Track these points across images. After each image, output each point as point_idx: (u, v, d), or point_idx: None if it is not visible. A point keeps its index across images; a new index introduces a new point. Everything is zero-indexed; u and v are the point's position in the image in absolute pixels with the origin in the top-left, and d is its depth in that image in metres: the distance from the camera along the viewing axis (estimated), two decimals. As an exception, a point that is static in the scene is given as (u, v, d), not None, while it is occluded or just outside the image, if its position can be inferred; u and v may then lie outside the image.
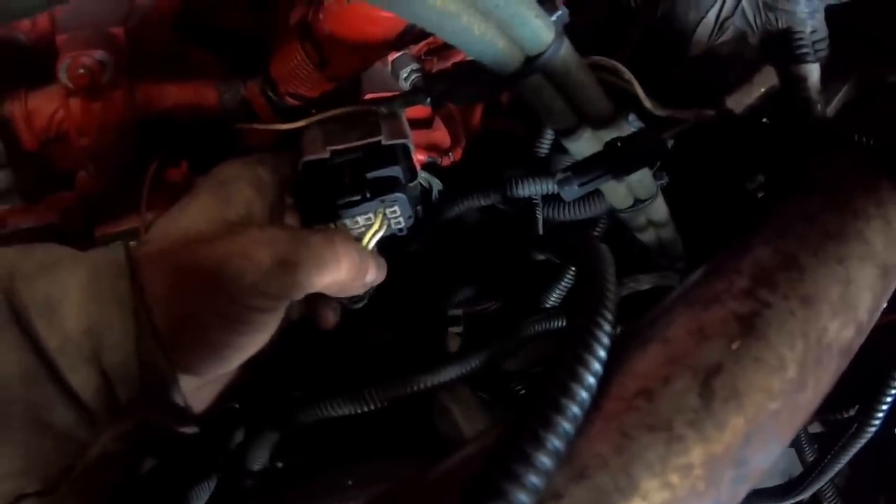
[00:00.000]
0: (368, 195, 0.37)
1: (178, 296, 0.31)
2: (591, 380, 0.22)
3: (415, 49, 0.52)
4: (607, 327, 0.24)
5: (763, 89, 0.40)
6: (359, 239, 0.38)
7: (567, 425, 0.20)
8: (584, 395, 0.21)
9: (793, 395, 0.26)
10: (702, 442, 0.23)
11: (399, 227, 0.40)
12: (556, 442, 0.20)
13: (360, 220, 0.39)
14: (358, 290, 0.36)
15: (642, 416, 0.22)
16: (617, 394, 0.23)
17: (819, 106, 0.40)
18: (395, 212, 0.39)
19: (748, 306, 0.26)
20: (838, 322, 0.28)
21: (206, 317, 0.31)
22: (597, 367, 0.22)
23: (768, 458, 0.26)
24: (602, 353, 0.23)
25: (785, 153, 0.43)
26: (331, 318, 0.40)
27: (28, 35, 0.47)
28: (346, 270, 0.34)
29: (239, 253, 0.31)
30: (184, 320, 0.31)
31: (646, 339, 0.25)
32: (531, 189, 0.48)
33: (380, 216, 0.38)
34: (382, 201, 0.38)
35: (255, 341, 0.33)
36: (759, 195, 0.63)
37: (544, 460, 0.19)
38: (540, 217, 0.51)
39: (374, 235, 0.38)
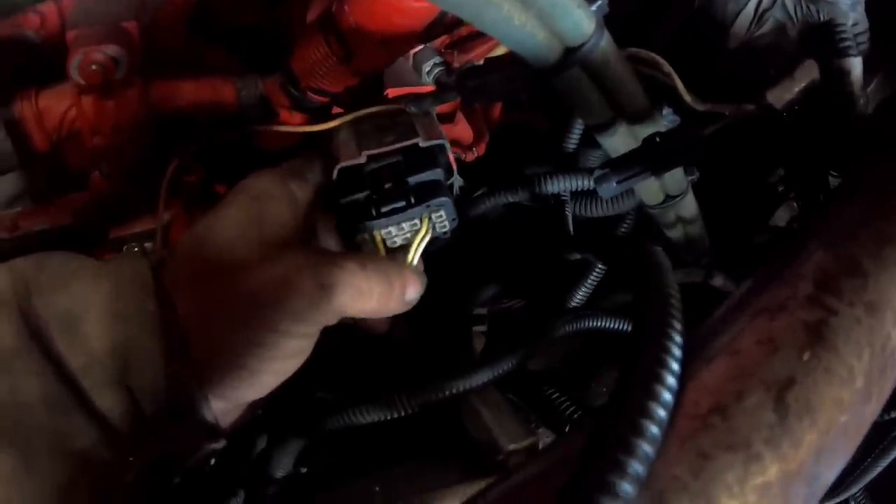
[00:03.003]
0: (413, 201, 0.36)
1: (212, 321, 0.30)
2: (669, 397, 0.21)
3: (436, 42, 0.51)
4: (679, 339, 0.22)
5: (804, 84, 0.39)
6: (404, 246, 0.37)
7: (648, 448, 0.19)
8: (662, 414, 0.20)
9: (860, 406, 0.25)
10: (778, 460, 0.22)
11: (444, 230, 0.39)
12: (637, 467, 0.19)
13: (406, 226, 0.37)
14: (393, 311, 0.35)
15: (719, 434, 0.21)
16: (691, 411, 0.22)
17: (862, 101, 0.39)
18: (441, 216, 0.37)
19: (816, 314, 0.25)
20: (901, 328, 0.27)
21: (241, 343, 0.30)
22: (672, 382, 0.21)
23: (835, 473, 0.25)
24: (676, 367, 0.22)
25: (820, 152, 0.42)
26: (380, 324, 0.40)
27: (38, 32, 0.45)
28: (377, 297, 0.33)
29: (278, 281, 0.30)
30: (217, 346, 0.30)
31: (712, 350, 0.24)
32: (561, 185, 0.47)
33: (426, 222, 0.37)
34: (428, 206, 0.36)
35: (290, 366, 0.32)
36: (780, 189, 0.62)
37: (627, 488, 0.18)
38: (569, 214, 0.49)
39: (421, 242, 0.36)
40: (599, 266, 0.51)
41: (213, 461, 0.43)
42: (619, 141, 0.41)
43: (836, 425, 0.24)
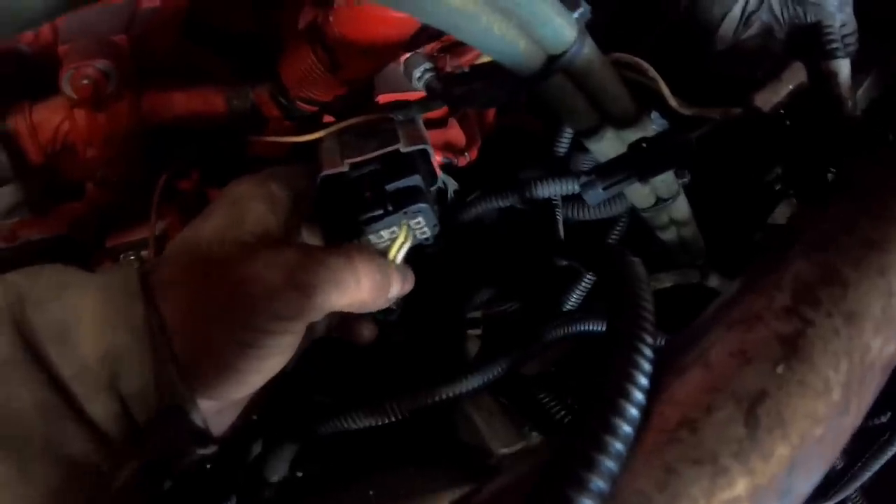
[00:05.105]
0: (391, 208, 0.36)
1: (195, 322, 0.30)
2: (635, 412, 0.21)
3: (428, 47, 0.51)
4: (648, 353, 0.23)
5: (792, 86, 0.39)
6: (385, 252, 0.37)
7: (612, 464, 0.20)
8: (627, 429, 0.20)
9: (837, 418, 0.25)
10: (747, 474, 0.22)
11: (425, 236, 0.39)
12: (600, 483, 0.19)
13: (385, 234, 0.37)
14: (381, 306, 0.35)
15: (686, 448, 0.21)
16: (659, 425, 0.22)
17: (850, 104, 0.39)
18: (419, 222, 0.38)
19: (791, 326, 0.25)
20: (881, 339, 0.27)
21: (224, 342, 0.30)
22: (640, 397, 0.21)
23: (811, 485, 0.25)
24: (645, 382, 0.22)
25: (814, 153, 0.41)
26: (366, 333, 0.40)
27: (31, 47, 0.46)
28: (367, 290, 0.33)
29: (253, 277, 0.30)
30: (202, 346, 0.30)
31: (685, 363, 0.24)
32: (551, 190, 0.47)
33: (404, 228, 0.37)
34: (406, 213, 0.37)
35: (276, 363, 0.32)
36: (777, 188, 0.62)
37: (588, 504, 0.19)
38: (560, 218, 0.49)
39: (400, 248, 0.37)
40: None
41: (208, 466, 0.43)
42: (607, 146, 0.41)
43: (810, 438, 0.24)
